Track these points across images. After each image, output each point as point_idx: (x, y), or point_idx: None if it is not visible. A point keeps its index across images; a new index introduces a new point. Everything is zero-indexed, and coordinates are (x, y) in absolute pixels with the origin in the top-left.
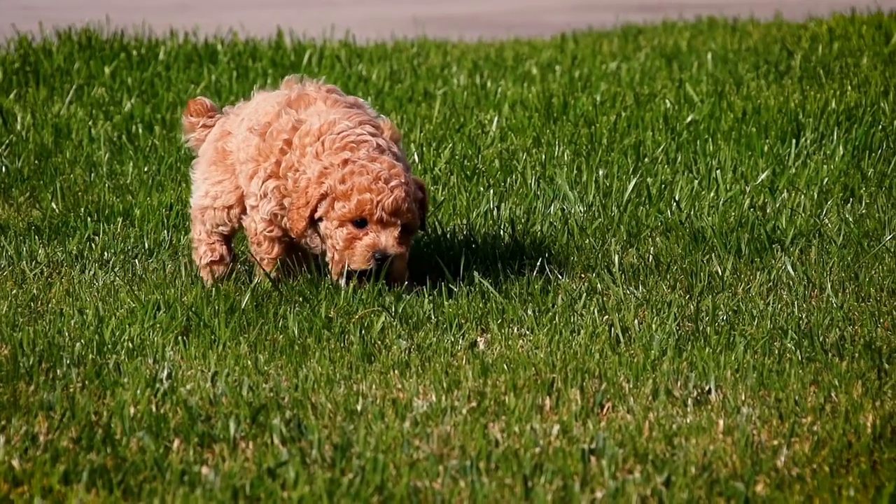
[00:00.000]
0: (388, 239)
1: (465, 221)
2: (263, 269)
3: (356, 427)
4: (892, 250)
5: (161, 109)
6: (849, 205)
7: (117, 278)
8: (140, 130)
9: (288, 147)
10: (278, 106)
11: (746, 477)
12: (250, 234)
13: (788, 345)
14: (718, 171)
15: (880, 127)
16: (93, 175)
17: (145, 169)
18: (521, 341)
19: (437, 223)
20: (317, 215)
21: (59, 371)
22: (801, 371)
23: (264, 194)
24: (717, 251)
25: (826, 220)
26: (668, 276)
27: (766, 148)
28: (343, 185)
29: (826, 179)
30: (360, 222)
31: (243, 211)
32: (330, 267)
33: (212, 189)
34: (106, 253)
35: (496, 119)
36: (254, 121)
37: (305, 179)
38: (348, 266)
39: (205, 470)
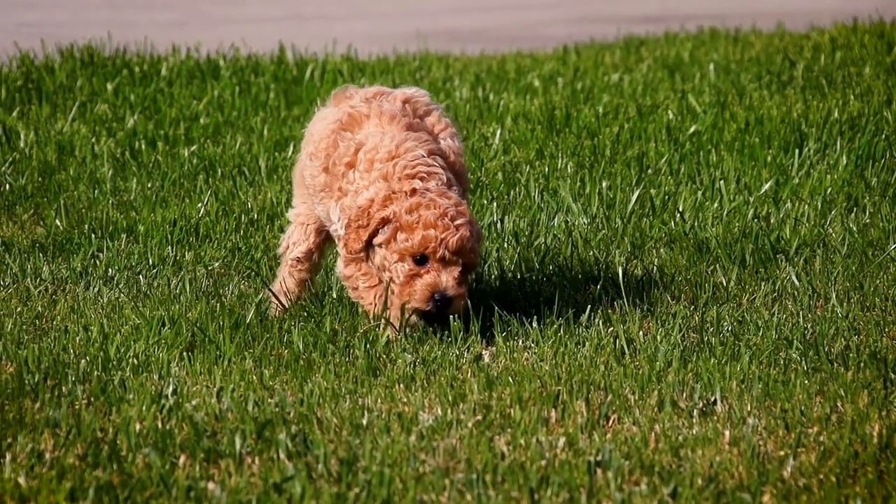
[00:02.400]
0: (448, 280)
1: None
2: (365, 308)
3: (362, 441)
4: None
5: (164, 125)
6: (853, 214)
7: (122, 295)
8: (143, 146)
9: (349, 168)
10: (333, 133)
11: (753, 488)
12: (338, 271)
13: (794, 355)
14: (722, 182)
15: (883, 136)
16: (96, 192)
17: (149, 185)
18: (526, 354)
19: None
20: (376, 241)
21: (64, 388)
22: (806, 381)
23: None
24: (722, 262)
25: (830, 230)
26: (673, 288)
27: (769, 158)
28: (409, 216)
29: (829, 189)
30: (422, 259)
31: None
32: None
33: (297, 208)
34: (110, 269)
35: (499, 132)
36: (311, 146)
37: (367, 199)
38: (407, 304)
39: (211, 486)
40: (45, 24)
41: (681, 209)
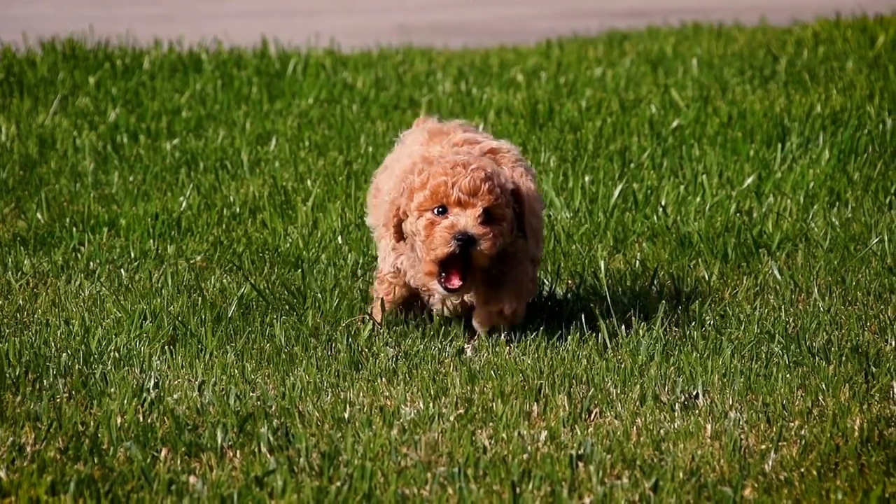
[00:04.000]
0: (467, 220)
1: None
2: (373, 308)
3: (344, 435)
4: (879, 254)
5: (146, 119)
6: (835, 209)
7: (103, 288)
8: (125, 140)
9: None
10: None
11: (734, 481)
12: (378, 272)
13: (775, 349)
14: (704, 176)
15: (866, 130)
16: (78, 185)
17: (130, 178)
18: (508, 348)
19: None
20: (402, 214)
21: (45, 381)
22: (788, 375)
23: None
24: (704, 256)
25: (812, 225)
26: (655, 282)
27: (751, 152)
28: (420, 177)
29: (812, 183)
30: (441, 209)
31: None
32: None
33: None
34: (91, 263)
35: (482, 126)
36: (393, 180)
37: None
38: (435, 257)
39: (192, 479)
40: (27, 17)
41: (663, 203)
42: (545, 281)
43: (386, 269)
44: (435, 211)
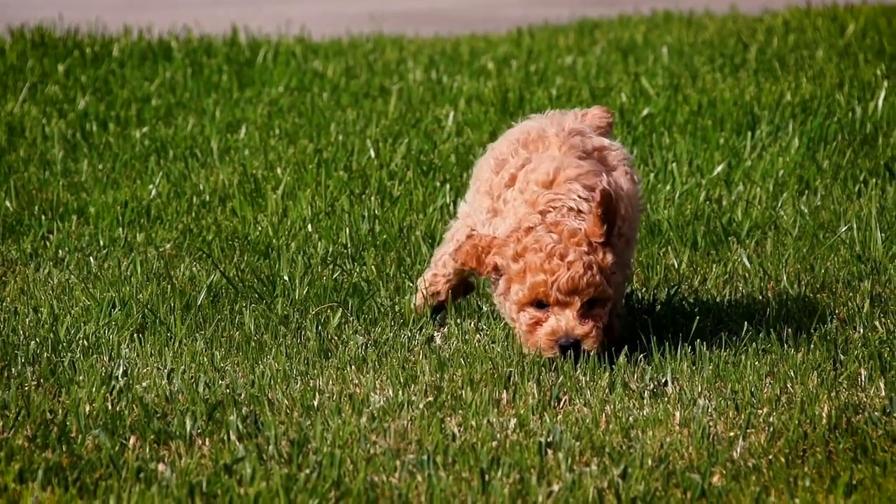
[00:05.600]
0: (568, 321)
1: (421, 216)
2: (422, 287)
3: (313, 423)
4: (847, 242)
5: (115, 107)
6: (804, 197)
7: (72, 276)
8: (94, 128)
9: (508, 187)
10: (512, 146)
11: (702, 468)
12: (435, 261)
13: (744, 337)
14: (674, 164)
15: (835, 119)
16: (47, 173)
17: (100, 166)
18: (478, 335)
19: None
20: (497, 292)
21: (13, 369)
22: (757, 363)
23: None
24: (674, 244)
25: (782, 213)
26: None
27: (721, 141)
28: (515, 265)
29: (781, 171)
30: (539, 304)
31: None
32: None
33: (467, 207)
34: (60, 251)
35: (452, 114)
36: (495, 153)
37: (489, 236)
38: (538, 355)
39: (161, 467)
40: None
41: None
42: None
43: (447, 270)
44: (536, 305)
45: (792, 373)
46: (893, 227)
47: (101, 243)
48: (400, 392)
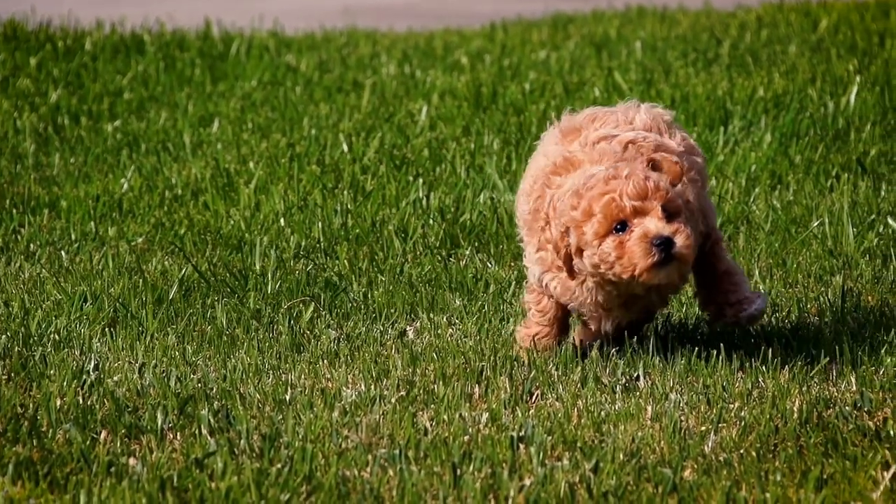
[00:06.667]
0: (655, 224)
1: (394, 211)
2: (525, 345)
3: (285, 417)
4: (819, 236)
5: (87, 100)
6: (776, 191)
7: (43, 270)
8: (66, 121)
9: (547, 224)
10: (545, 176)
11: (674, 463)
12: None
13: (716, 331)
14: None
15: (808, 114)
16: (18, 167)
17: (71, 160)
18: (450, 330)
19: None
20: (573, 251)
21: None
22: (728, 357)
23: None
24: None
25: (754, 207)
26: None
27: (694, 136)
28: (576, 212)
29: (754, 166)
30: (620, 226)
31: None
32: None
33: None
34: (32, 245)
35: (425, 108)
36: (528, 182)
37: (546, 226)
38: (640, 271)
39: (132, 461)
40: None
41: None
42: (488, 264)
43: (531, 280)
44: (615, 230)
45: (763, 367)
46: (865, 221)
47: (73, 237)
48: (372, 386)
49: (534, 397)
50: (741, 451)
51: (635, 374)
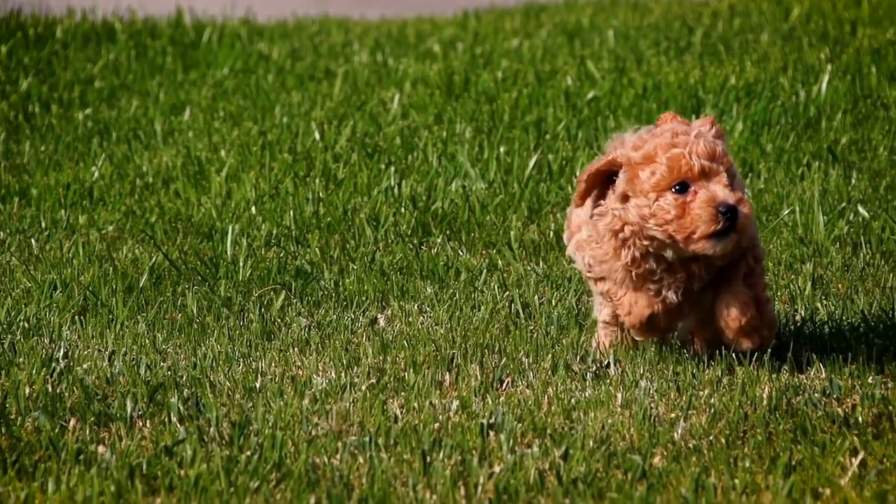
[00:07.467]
0: (721, 190)
1: (366, 199)
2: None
3: (255, 404)
4: (790, 224)
5: (58, 88)
6: (748, 180)
7: (13, 258)
8: (37, 109)
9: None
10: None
11: (644, 449)
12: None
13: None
14: None
15: (779, 102)
16: None
17: (42, 148)
18: (421, 318)
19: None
20: (616, 192)
21: None
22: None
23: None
24: None
25: None
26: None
27: None
28: (637, 153)
29: None
30: (681, 186)
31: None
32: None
33: None
34: (1, 233)
35: (398, 96)
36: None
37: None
38: (700, 235)
39: (101, 449)
40: None
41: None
42: (460, 252)
43: (602, 317)
44: (674, 189)
45: (733, 354)
46: (835, 209)
47: (43, 225)
48: (342, 374)
49: (504, 385)
50: (710, 438)
51: (605, 362)
